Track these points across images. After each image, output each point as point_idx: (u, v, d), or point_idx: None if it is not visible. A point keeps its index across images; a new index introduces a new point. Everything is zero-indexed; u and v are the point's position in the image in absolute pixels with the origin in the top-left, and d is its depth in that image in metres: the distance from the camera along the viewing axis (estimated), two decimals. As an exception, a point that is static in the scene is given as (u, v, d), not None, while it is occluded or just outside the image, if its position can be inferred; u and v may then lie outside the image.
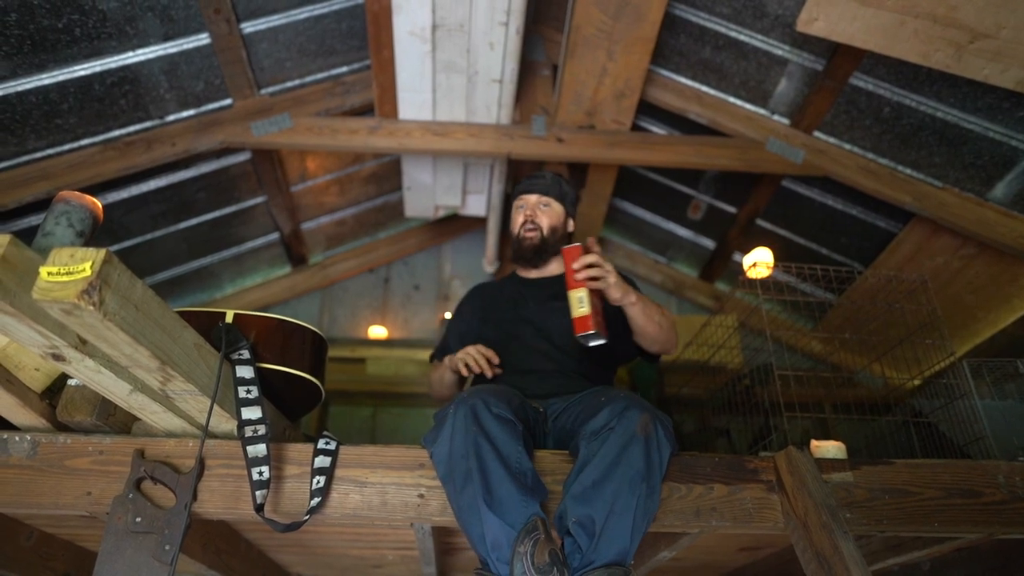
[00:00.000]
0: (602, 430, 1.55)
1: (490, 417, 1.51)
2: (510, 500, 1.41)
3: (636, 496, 1.45)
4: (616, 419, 1.54)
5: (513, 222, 2.25)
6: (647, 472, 1.48)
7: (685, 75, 3.70)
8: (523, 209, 2.22)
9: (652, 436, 1.52)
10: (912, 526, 1.75)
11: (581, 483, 1.47)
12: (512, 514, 1.39)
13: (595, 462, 1.50)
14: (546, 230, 2.18)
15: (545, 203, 2.20)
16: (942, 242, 3.74)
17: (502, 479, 1.43)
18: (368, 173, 4.53)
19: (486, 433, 1.49)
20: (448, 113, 3.43)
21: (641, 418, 1.53)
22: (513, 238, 2.23)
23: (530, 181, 2.26)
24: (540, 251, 2.17)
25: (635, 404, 1.57)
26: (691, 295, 5.09)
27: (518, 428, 1.55)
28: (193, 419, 1.57)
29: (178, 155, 3.30)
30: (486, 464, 1.44)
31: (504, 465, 1.45)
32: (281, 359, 1.75)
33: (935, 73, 3.08)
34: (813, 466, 1.74)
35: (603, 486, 1.45)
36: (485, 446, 1.47)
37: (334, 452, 1.66)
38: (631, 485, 1.46)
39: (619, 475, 1.46)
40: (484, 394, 1.58)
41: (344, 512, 1.57)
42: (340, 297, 5.10)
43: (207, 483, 1.59)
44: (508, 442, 1.50)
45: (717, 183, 4.35)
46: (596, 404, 1.66)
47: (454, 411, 1.56)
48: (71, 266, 1.06)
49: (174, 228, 4.04)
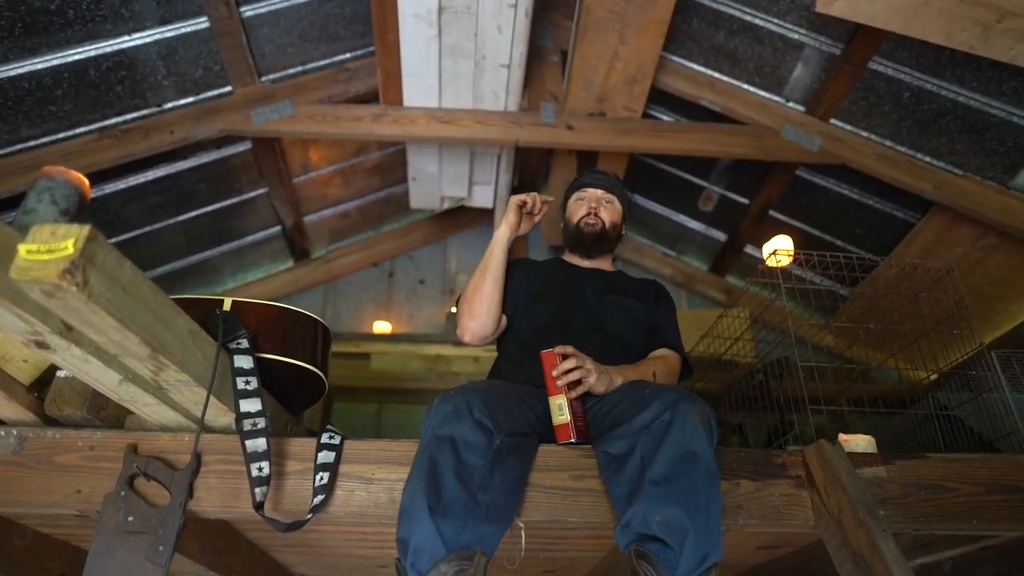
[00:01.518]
0: (654, 423, 1.44)
1: (468, 422, 1.38)
2: (454, 515, 1.28)
3: (715, 487, 1.37)
4: (669, 412, 1.43)
5: (571, 212, 2.17)
6: (711, 459, 1.39)
7: (697, 61, 3.60)
8: (585, 201, 2.14)
9: (709, 426, 1.44)
10: (950, 524, 1.67)
11: (653, 481, 1.35)
12: (449, 531, 1.25)
13: (660, 459, 1.38)
14: (608, 224, 2.11)
15: (608, 199, 2.14)
16: (962, 232, 3.65)
17: (454, 491, 1.29)
18: (372, 164, 4.44)
19: (452, 439, 1.36)
20: (454, 100, 3.33)
21: (696, 409, 1.44)
22: (570, 227, 2.15)
23: (593, 176, 2.20)
24: (601, 240, 2.09)
25: (685, 395, 1.48)
26: (701, 288, 5.00)
27: (493, 442, 1.38)
28: (188, 412, 1.49)
29: (177, 143, 3.21)
30: (441, 470, 1.32)
31: (459, 479, 1.31)
32: (282, 349, 1.67)
33: (958, 56, 2.98)
34: (846, 461, 1.64)
35: (679, 481, 1.35)
36: (446, 451, 1.34)
37: (338, 447, 1.58)
38: (707, 477, 1.36)
39: (694, 469, 1.36)
40: (471, 395, 1.44)
41: (349, 510, 1.49)
42: (344, 292, 5.02)
43: (204, 480, 1.51)
44: (474, 453, 1.36)
45: (729, 173, 4.25)
46: (642, 398, 1.53)
47: (437, 404, 1.43)
48: (52, 244, 0.97)
49: (173, 220, 3.96)
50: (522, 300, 2.03)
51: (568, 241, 2.17)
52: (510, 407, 1.51)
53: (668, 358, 1.98)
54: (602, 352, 1.84)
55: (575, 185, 2.22)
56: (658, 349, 1.98)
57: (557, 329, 1.91)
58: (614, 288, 2.03)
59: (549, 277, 2.09)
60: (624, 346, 1.93)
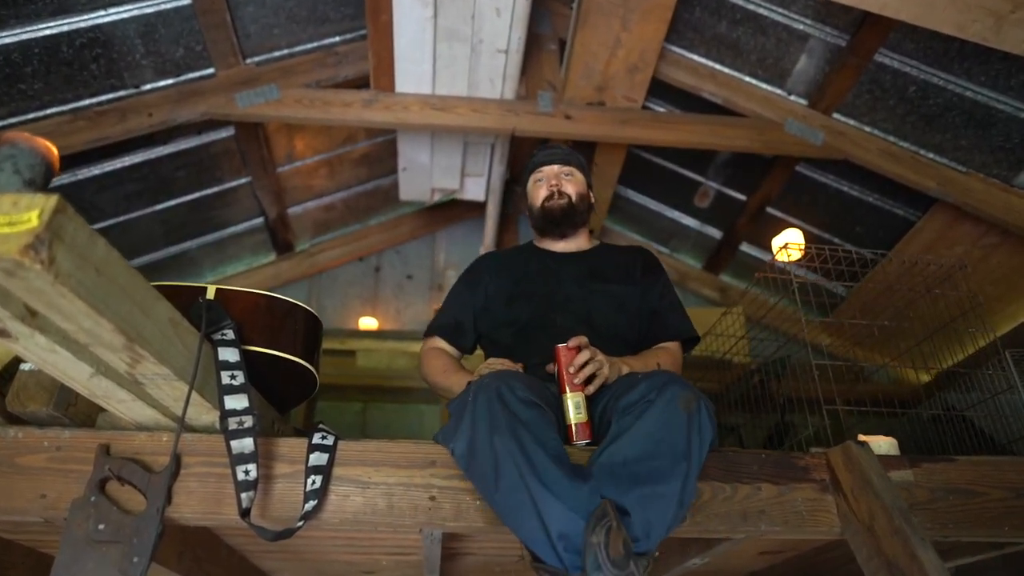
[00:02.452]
0: (639, 403, 1.37)
1: (517, 402, 1.33)
2: (562, 485, 1.22)
3: (677, 479, 1.27)
4: (656, 392, 1.36)
5: (533, 196, 2.03)
6: (687, 452, 1.30)
7: (699, 52, 3.50)
8: (544, 181, 2.01)
9: (695, 415, 1.34)
10: (980, 530, 1.60)
11: (611, 458, 1.30)
12: (571, 499, 1.20)
13: (629, 436, 1.32)
14: (574, 197, 1.98)
15: (567, 172, 2.01)
16: (963, 230, 3.59)
17: (547, 465, 1.24)
18: (360, 154, 4.30)
19: (517, 417, 1.30)
20: (449, 86, 3.21)
21: (683, 394, 1.35)
22: (536, 210, 2.01)
23: (547, 152, 2.06)
24: (569, 215, 1.96)
25: (676, 380, 1.40)
26: (695, 287, 4.91)
27: (547, 414, 1.37)
28: (168, 409, 1.39)
29: (155, 127, 3.05)
30: (527, 448, 1.25)
31: (544, 450, 1.27)
32: (270, 341, 1.56)
33: (967, 49, 2.91)
34: (876, 463, 1.55)
35: (639, 464, 1.27)
36: (521, 430, 1.28)
37: (332, 448, 1.48)
38: (672, 465, 1.28)
39: (659, 453, 1.28)
40: (506, 378, 1.39)
41: (344, 517, 1.40)
42: (328, 287, 4.88)
43: (184, 484, 1.41)
44: (542, 427, 1.32)
45: (727, 169, 4.17)
46: (632, 380, 1.47)
47: (474, 398, 1.37)
48: (13, 216, 0.84)
49: (150, 209, 3.79)
50: (495, 307, 1.93)
51: (537, 226, 2.03)
52: (531, 383, 1.44)
53: (672, 350, 1.87)
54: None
55: (529, 168, 2.08)
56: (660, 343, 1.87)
57: (539, 329, 1.80)
58: (596, 271, 1.91)
59: (523, 271, 1.96)
60: (613, 337, 1.80)
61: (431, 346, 1.94)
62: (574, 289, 1.87)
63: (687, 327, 1.90)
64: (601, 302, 1.81)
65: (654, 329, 1.88)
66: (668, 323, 1.89)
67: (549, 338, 1.66)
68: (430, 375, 1.86)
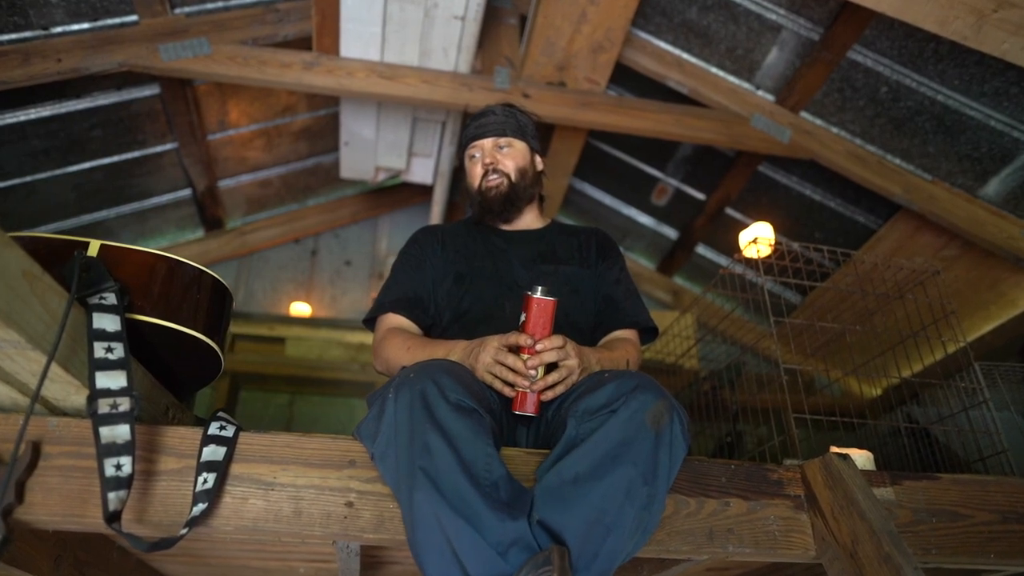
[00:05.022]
0: (601, 410, 1.17)
1: (445, 407, 1.11)
2: (483, 518, 1.01)
3: (634, 506, 1.08)
4: (622, 400, 1.15)
5: (470, 176, 1.77)
6: (652, 475, 1.11)
7: (666, 39, 3.33)
8: (479, 158, 1.74)
9: (665, 430, 1.14)
10: (964, 556, 1.47)
11: (559, 474, 1.11)
12: (494, 535, 1.00)
13: (583, 449, 1.12)
14: (514, 174, 1.72)
15: (504, 144, 1.74)
16: (924, 240, 3.51)
17: (467, 494, 1.03)
18: (300, 127, 3.99)
19: (441, 429, 1.08)
20: (399, 54, 2.94)
21: (655, 405, 1.15)
22: (473, 193, 1.75)
23: (478, 122, 1.78)
24: (510, 200, 1.71)
25: (649, 386, 1.19)
26: (647, 289, 4.75)
27: (484, 421, 1.15)
28: (27, 387, 1.15)
29: (65, 74, 2.71)
30: (441, 473, 1.04)
31: (469, 473, 1.05)
32: (165, 311, 1.32)
33: (943, 50, 2.81)
34: (862, 480, 1.38)
35: (589, 485, 1.07)
36: (441, 448, 1.06)
37: (231, 440, 1.24)
38: (629, 490, 1.08)
39: (614, 474, 1.08)
40: (435, 373, 1.16)
41: (240, 524, 1.18)
42: (259, 268, 4.57)
43: (41, 479, 1.17)
44: (472, 442, 1.09)
45: (687, 165, 4.02)
46: (598, 379, 1.25)
47: (395, 396, 1.15)
48: None
49: (60, 171, 3.42)
50: (445, 280, 1.67)
51: (476, 212, 1.76)
52: (469, 380, 1.24)
53: (635, 343, 1.66)
54: None
55: (463, 141, 1.82)
56: (617, 331, 1.65)
57: (486, 318, 1.58)
58: (546, 253, 1.69)
59: (471, 250, 1.71)
60: (567, 323, 1.56)
61: (388, 326, 1.61)
62: (521, 272, 1.65)
63: (645, 316, 1.69)
64: (553, 284, 1.54)
65: (609, 315, 1.66)
66: (624, 310, 1.67)
67: (495, 328, 1.43)
68: (395, 357, 1.51)
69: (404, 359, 1.44)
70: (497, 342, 1.34)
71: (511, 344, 1.34)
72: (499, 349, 1.33)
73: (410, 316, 1.62)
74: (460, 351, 1.41)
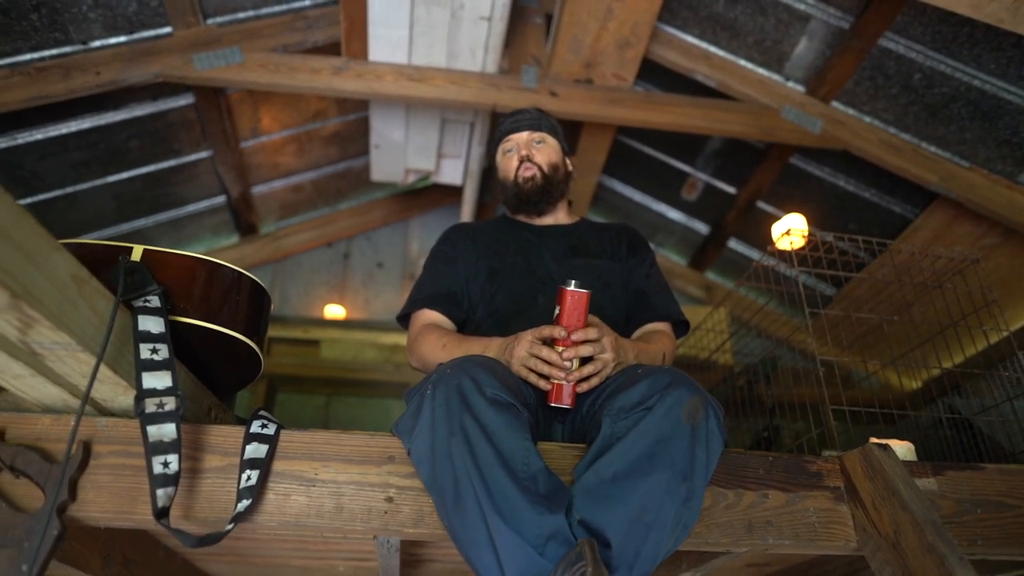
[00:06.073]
0: (636, 408, 1.18)
1: (483, 402, 1.12)
2: (522, 516, 1.03)
3: (673, 503, 1.09)
4: (657, 397, 1.16)
5: (503, 169, 1.82)
6: (690, 471, 1.11)
7: (693, 33, 3.31)
8: (513, 152, 1.80)
9: (701, 426, 1.15)
10: (1012, 548, 1.43)
11: (598, 473, 1.12)
12: (533, 533, 1.01)
13: (620, 448, 1.13)
14: (546, 167, 1.77)
15: (538, 139, 1.80)
16: (963, 229, 3.44)
17: (507, 489, 1.05)
18: (331, 132, 4.04)
19: (479, 423, 1.09)
20: (426, 56, 2.97)
21: (689, 401, 1.15)
22: (508, 186, 1.80)
23: (514, 118, 1.84)
24: (545, 191, 1.75)
25: (683, 382, 1.19)
26: (679, 284, 4.72)
27: (522, 415, 1.16)
28: (77, 388, 1.17)
29: (103, 87, 2.78)
30: (483, 466, 1.06)
31: (507, 468, 1.07)
32: (208, 313, 1.35)
33: (978, 34, 2.75)
34: (903, 470, 1.36)
35: (629, 483, 1.08)
36: (480, 442, 1.08)
37: (272, 439, 1.26)
38: (668, 487, 1.09)
39: (653, 472, 1.09)
40: (472, 368, 1.18)
41: (283, 519, 1.20)
42: (293, 272, 4.63)
43: (93, 477, 1.21)
44: (510, 436, 1.10)
45: (717, 159, 3.98)
46: (632, 376, 1.26)
47: (432, 392, 1.16)
48: None
49: (100, 182, 3.50)
50: (479, 277, 1.69)
51: (511, 203, 1.81)
52: (506, 376, 1.25)
53: (669, 335, 1.67)
54: None
55: (497, 137, 1.87)
56: (650, 324, 1.66)
57: (518, 313, 1.60)
58: (577, 247, 1.72)
59: (502, 246, 1.74)
60: (599, 316, 1.55)
61: (423, 322, 1.63)
62: (553, 265, 1.67)
63: (676, 309, 1.71)
64: (585, 278, 1.56)
65: (640, 309, 1.68)
66: (656, 303, 1.68)
67: (528, 322, 1.44)
68: (430, 355, 1.51)
69: (440, 356, 1.46)
70: (531, 335, 1.36)
71: (545, 337, 1.35)
72: (533, 342, 1.35)
73: (444, 311, 1.64)
74: (496, 347, 1.43)
